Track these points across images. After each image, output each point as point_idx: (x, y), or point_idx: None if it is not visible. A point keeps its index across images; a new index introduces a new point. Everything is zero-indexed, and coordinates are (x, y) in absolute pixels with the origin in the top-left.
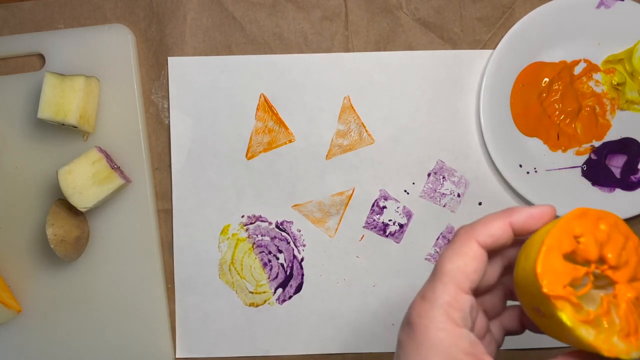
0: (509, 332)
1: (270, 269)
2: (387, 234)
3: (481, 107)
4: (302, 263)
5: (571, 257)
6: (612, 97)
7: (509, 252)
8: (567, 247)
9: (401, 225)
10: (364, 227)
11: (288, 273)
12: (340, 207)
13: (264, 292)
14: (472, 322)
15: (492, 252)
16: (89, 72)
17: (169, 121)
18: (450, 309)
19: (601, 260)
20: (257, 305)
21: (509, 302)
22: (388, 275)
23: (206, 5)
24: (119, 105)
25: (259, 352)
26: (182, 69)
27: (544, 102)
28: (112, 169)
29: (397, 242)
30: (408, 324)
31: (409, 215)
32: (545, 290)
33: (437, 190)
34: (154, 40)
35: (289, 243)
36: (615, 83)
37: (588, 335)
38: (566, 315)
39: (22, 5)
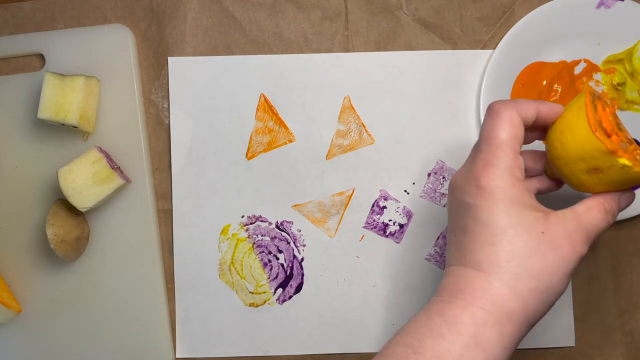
0: None
1: (270, 269)
2: (387, 234)
3: (481, 107)
4: (302, 263)
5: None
6: (612, 97)
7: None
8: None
9: (401, 225)
10: (364, 227)
11: (288, 273)
12: (340, 207)
13: (264, 292)
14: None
15: None
16: (89, 72)
17: (169, 121)
18: (513, 169)
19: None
20: (257, 305)
21: None
22: (388, 275)
23: (206, 5)
24: (119, 105)
25: (259, 352)
26: (182, 69)
27: None
28: (112, 169)
29: (397, 242)
30: (479, 188)
31: (409, 215)
32: (610, 147)
33: (437, 190)
34: (154, 40)
35: (289, 243)
36: (616, 83)
37: (638, 168)
38: (624, 158)
39: (22, 5)
